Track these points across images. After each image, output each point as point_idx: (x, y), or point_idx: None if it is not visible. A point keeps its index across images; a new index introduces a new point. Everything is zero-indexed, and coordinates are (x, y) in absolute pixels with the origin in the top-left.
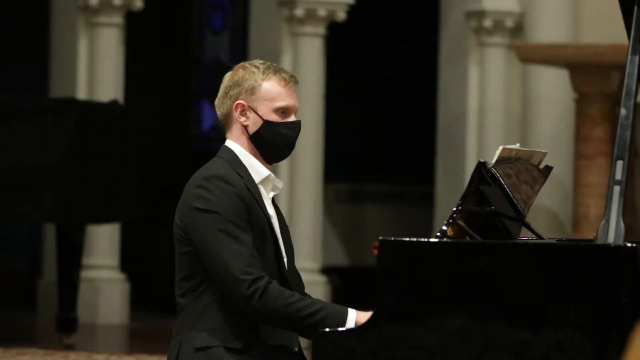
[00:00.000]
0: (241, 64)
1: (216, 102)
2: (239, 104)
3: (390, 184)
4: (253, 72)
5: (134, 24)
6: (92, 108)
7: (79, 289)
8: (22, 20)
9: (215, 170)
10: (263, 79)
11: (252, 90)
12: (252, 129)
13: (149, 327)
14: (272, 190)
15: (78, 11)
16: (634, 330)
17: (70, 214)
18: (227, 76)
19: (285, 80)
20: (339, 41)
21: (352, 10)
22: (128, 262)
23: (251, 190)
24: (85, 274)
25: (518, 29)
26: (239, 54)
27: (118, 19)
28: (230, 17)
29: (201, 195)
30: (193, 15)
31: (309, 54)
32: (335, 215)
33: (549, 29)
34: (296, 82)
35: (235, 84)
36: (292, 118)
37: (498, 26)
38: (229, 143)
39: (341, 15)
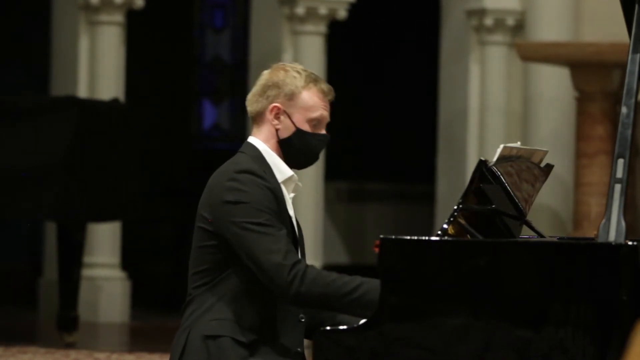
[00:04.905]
0: (281, 64)
1: (249, 97)
2: (275, 106)
3: (391, 183)
4: (294, 77)
5: (134, 23)
6: (92, 106)
7: (80, 287)
8: (23, 19)
9: (245, 165)
10: (304, 87)
11: (291, 96)
12: (283, 134)
13: (150, 326)
14: (293, 191)
15: (79, 9)
16: (635, 329)
17: (71, 213)
18: (266, 74)
19: (324, 92)
20: (340, 39)
21: (353, 9)
22: (129, 260)
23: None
24: (86, 272)
25: (519, 28)
26: (240, 52)
27: (119, 17)
28: (231, 15)
29: (233, 187)
30: (194, 13)
31: (310, 52)
32: (336, 214)
33: (549, 27)
34: (333, 96)
35: (275, 85)
36: (323, 131)
37: (499, 24)
38: (252, 140)
39: (342, 14)
